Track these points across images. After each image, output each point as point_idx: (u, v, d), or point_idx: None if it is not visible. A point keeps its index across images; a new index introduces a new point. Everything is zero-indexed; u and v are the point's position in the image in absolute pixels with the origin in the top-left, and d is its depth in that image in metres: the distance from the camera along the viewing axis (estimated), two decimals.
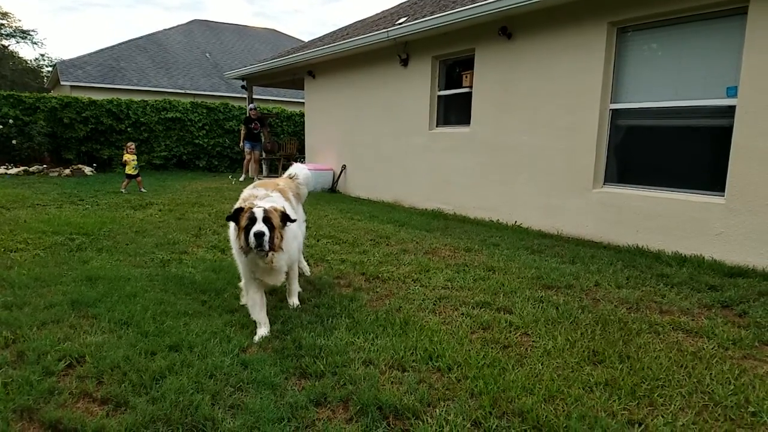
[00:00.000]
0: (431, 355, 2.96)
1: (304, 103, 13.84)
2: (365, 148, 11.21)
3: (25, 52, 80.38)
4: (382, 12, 13.53)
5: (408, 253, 5.61)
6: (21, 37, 39.18)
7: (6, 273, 4.35)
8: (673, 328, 3.51)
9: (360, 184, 11.49)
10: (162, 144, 16.60)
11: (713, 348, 3.17)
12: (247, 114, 14.45)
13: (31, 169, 14.06)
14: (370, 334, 3.28)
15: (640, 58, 6.30)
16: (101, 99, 16.01)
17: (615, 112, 6.53)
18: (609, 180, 6.65)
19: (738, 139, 5.25)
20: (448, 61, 9.25)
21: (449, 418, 2.32)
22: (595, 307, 3.90)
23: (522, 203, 7.61)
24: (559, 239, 6.67)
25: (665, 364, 2.90)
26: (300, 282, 4.12)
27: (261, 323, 3.39)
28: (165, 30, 28.22)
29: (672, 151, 6.07)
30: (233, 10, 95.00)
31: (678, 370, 2.84)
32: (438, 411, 2.39)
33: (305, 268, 4.67)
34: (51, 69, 31.96)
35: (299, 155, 15.71)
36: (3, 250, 5.20)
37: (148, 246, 5.68)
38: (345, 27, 14.24)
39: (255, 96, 16.95)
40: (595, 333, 3.35)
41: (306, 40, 20.91)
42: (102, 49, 24.41)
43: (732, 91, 5.38)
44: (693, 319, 3.69)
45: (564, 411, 2.39)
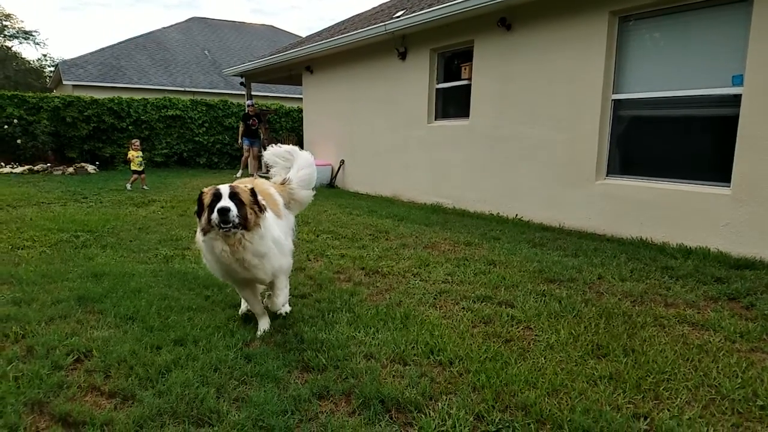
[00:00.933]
0: (432, 349, 2.96)
1: (302, 99, 13.81)
2: (363, 142, 11.19)
3: (28, 52, 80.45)
4: (379, 5, 13.46)
5: (407, 248, 5.61)
6: (23, 38, 39.25)
7: (14, 270, 4.37)
8: (679, 321, 3.48)
9: (358, 178, 11.48)
10: (163, 142, 16.63)
11: (720, 341, 3.14)
12: (245, 110, 14.42)
13: (36, 168, 14.15)
14: (370, 328, 3.28)
15: (642, 47, 6.26)
16: (103, 98, 16.04)
17: (617, 102, 6.49)
18: (612, 172, 6.61)
19: (744, 129, 5.19)
20: (446, 54, 9.21)
21: (452, 411, 2.32)
22: (599, 301, 3.88)
23: (523, 196, 7.59)
24: (561, 232, 6.64)
25: (671, 357, 2.88)
26: (293, 292, 4.06)
27: (260, 315, 3.32)
28: (164, 28, 28.16)
29: (676, 142, 6.04)
30: (231, 7, 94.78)
31: (684, 363, 2.81)
32: (440, 404, 2.38)
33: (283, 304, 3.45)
34: (53, 69, 31.95)
35: None
36: (10, 247, 5.23)
37: (151, 242, 5.70)
38: (342, 21, 14.19)
39: (253, 92, 16.91)
40: (599, 326, 3.33)
41: (304, 35, 20.83)
42: (102, 49, 24.40)
43: (738, 80, 5.31)
44: (699, 312, 3.66)
45: (568, 405, 2.38)
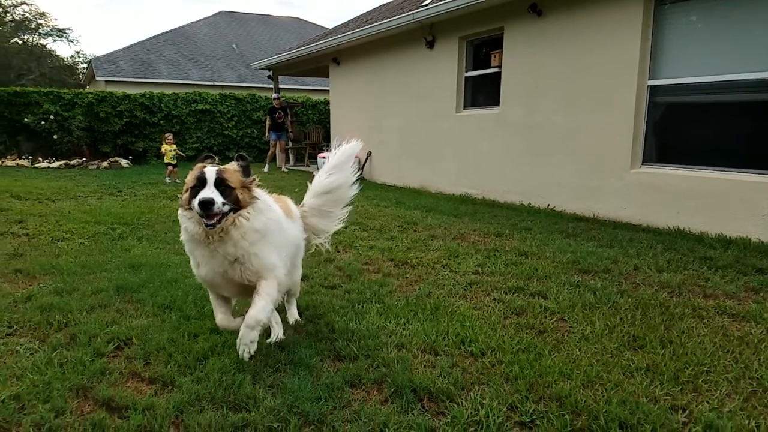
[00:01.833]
0: (463, 340, 2.94)
1: (329, 91, 13.85)
2: (390, 133, 11.16)
3: (62, 50, 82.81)
4: None
5: (436, 239, 5.57)
6: (57, 36, 40.40)
7: (55, 261, 4.52)
8: (718, 312, 3.38)
9: (386, 170, 11.46)
10: (194, 136, 16.92)
11: (761, 333, 3.04)
12: (272, 104, 14.53)
13: (72, 163, 14.59)
14: (401, 318, 3.29)
15: (679, 31, 6.04)
16: (134, 93, 16.40)
17: (653, 88, 6.29)
18: (647, 160, 6.43)
19: None
20: (475, 42, 9.08)
21: (484, 401, 2.30)
22: (635, 292, 3.79)
23: (555, 186, 7.45)
24: (595, 222, 6.51)
25: (710, 349, 2.80)
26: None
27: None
28: (192, 23, 28.57)
29: (715, 129, 5.82)
30: None
31: (724, 355, 2.74)
32: (473, 395, 2.37)
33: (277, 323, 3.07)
34: (86, 65, 32.86)
35: (325, 143, 15.78)
36: (51, 239, 5.41)
37: None
38: (369, 11, 14.14)
39: (281, 86, 17.03)
40: (635, 318, 3.26)
41: (330, 27, 20.83)
42: (133, 44, 24.90)
43: None
44: (739, 303, 3.55)
45: (603, 396, 2.34)
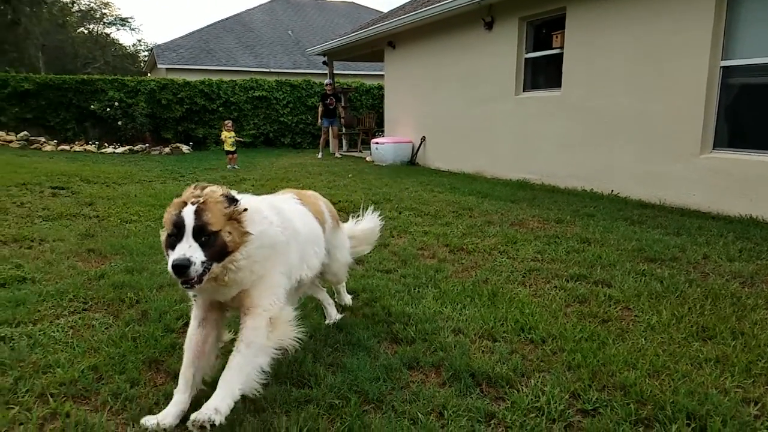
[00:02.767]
0: (523, 327, 2.91)
1: (382, 76, 13.82)
2: (445, 117, 11.03)
3: (124, 38, 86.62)
4: None
5: (493, 225, 5.49)
6: (120, 25, 42.40)
7: (124, 241, 4.78)
8: None
9: (440, 155, 11.36)
10: (251, 123, 17.38)
11: None
12: (324, 90, 14.63)
13: (135, 148, 15.31)
14: (457, 304, 3.28)
15: (756, 8, 5.61)
16: (194, 80, 16.96)
17: (726, 69, 5.90)
18: (719, 144, 6.06)
19: None
20: (535, 22, 8.80)
21: (545, 388, 2.27)
22: (704, 281, 3.62)
23: (619, 171, 7.17)
24: (662, 209, 6.24)
25: None
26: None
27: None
28: (249, 10, 29.14)
29: None
30: None
31: None
32: (533, 381, 2.35)
33: (346, 298, 3.29)
34: (147, 53, 34.25)
35: (377, 129, 15.81)
36: (119, 221, 5.71)
37: None
38: None
39: (335, 71, 17.12)
40: (704, 308, 3.13)
41: (385, 10, 20.71)
42: (192, 32, 25.70)
43: None
44: None
45: (670, 386, 2.27)
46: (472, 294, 3.43)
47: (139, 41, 59.93)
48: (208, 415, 1.77)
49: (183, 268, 1.84)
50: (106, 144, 15.46)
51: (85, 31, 40.85)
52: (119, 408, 2.16)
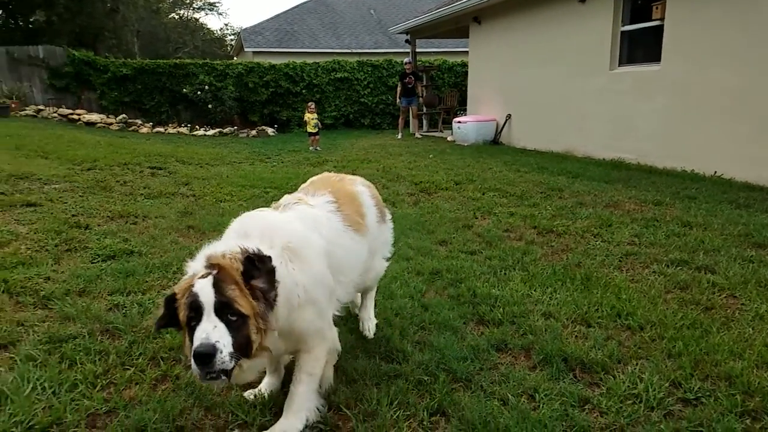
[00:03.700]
0: (619, 313, 2.79)
1: (466, 53, 13.48)
2: (532, 94, 10.60)
3: (212, 23, 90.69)
4: None
5: (585, 207, 5.26)
6: (208, 10, 44.44)
7: (220, 219, 5.04)
8: None
9: (526, 133, 10.97)
10: (332, 104, 17.69)
11: None
12: (403, 69, 14.35)
13: (224, 131, 16.08)
14: (547, 287, 3.20)
15: None
16: (279, 63, 17.47)
17: None
18: None
19: None
20: None
21: (643, 376, 2.19)
22: None
23: (723, 151, 6.59)
24: None
25: None
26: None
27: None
28: None
29: None
30: None
31: None
32: (630, 368, 2.27)
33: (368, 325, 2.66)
34: (234, 37, 35.65)
35: (460, 108, 15.49)
36: (214, 200, 6.07)
37: None
38: None
39: (417, 49, 16.89)
40: None
41: None
42: (277, 15, 26.41)
43: None
44: None
45: None
46: (563, 278, 3.34)
47: (226, 25, 62.71)
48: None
49: (208, 357, 1.51)
50: (197, 126, 16.26)
51: (176, 17, 43.09)
52: None
